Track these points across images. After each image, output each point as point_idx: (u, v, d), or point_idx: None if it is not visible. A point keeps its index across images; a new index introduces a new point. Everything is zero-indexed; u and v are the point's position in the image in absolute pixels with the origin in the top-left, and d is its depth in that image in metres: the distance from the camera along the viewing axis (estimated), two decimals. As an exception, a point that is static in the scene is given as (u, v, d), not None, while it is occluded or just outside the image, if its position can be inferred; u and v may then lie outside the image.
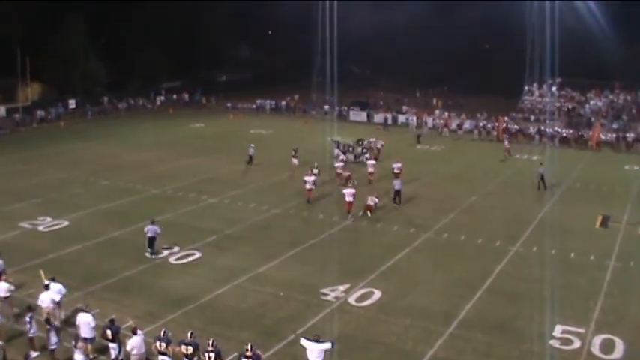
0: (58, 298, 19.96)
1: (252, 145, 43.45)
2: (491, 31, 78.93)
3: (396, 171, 38.25)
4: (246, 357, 16.37)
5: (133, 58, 75.08)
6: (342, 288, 23.45)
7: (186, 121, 61.23)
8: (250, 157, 42.87)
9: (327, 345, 16.97)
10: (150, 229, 26.44)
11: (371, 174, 38.55)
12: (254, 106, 72.54)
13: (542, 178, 37.53)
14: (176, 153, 46.50)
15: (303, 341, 17.18)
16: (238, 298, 22.55)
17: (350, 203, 32.15)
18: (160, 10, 75.57)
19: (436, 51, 79.92)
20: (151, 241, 26.38)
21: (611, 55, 64.67)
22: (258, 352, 16.88)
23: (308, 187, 34.39)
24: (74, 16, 66.10)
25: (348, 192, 32.52)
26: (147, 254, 26.13)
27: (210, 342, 16.81)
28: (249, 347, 16.48)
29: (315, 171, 36.86)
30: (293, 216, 32.23)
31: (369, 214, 32.20)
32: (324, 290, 23.20)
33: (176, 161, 43.71)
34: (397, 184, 34.60)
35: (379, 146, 45.79)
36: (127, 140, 51.11)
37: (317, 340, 17.02)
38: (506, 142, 49.00)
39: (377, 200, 33.00)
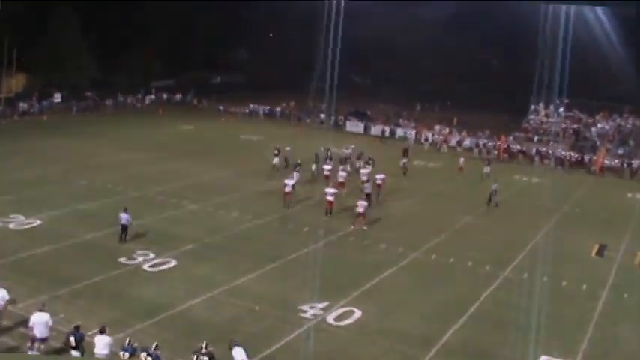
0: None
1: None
2: (500, 47, 79.49)
3: (378, 182, 38.59)
4: (201, 354, 17.18)
5: (125, 54, 75.22)
6: (320, 305, 23.51)
7: (175, 123, 61.33)
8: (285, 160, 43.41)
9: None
10: (123, 217, 27.59)
11: (341, 184, 38.85)
12: (247, 110, 72.72)
13: (493, 194, 38.46)
14: (161, 155, 46.56)
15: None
16: (212, 311, 22.60)
17: (330, 202, 33.51)
18: (158, 9, 75.76)
19: (441, 65, 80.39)
20: (124, 229, 27.55)
21: (624, 78, 65.22)
22: (212, 350, 17.47)
23: (287, 189, 34.86)
24: (65, 8, 66.34)
25: (330, 191, 33.78)
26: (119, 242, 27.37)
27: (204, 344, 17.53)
28: (204, 345, 17.28)
29: (297, 170, 38.48)
30: (277, 227, 32.36)
31: (364, 225, 32.61)
32: (302, 307, 23.27)
33: (160, 164, 43.76)
34: (367, 188, 36.42)
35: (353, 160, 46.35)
36: (110, 139, 51.13)
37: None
38: (462, 160, 48.92)
39: (366, 204, 33.29)
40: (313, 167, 42.02)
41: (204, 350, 17.54)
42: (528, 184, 45.39)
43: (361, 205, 33.17)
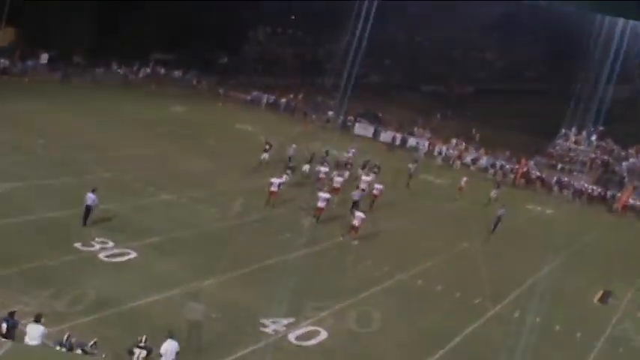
0: None
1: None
2: (544, 61, 79.68)
3: (374, 192, 38.70)
4: (139, 347, 17.65)
5: (126, 21, 74.96)
6: (285, 321, 23.59)
7: (167, 102, 61.38)
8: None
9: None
10: (90, 198, 27.90)
11: (336, 190, 39.10)
12: (249, 97, 72.82)
13: (498, 221, 38.62)
14: (144, 136, 46.71)
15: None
16: (165, 312, 22.65)
17: (321, 209, 33.91)
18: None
19: (473, 71, 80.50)
20: (87, 210, 27.78)
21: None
22: (151, 346, 17.91)
23: (272, 188, 35.21)
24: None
25: (323, 196, 34.17)
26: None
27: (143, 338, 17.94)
28: (143, 339, 17.75)
29: (288, 172, 38.78)
30: (255, 230, 32.38)
31: (353, 238, 32.85)
32: (264, 320, 23.35)
33: (142, 145, 43.90)
34: (356, 195, 36.88)
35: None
36: (92, 111, 50.91)
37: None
38: (465, 180, 48.39)
39: (364, 217, 33.33)
40: (306, 167, 42.09)
41: (142, 344, 17.80)
42: (541, 214, 45.42)
43: (358, 218, 33.29)
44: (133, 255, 26.62)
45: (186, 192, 35.72)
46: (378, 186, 39.85)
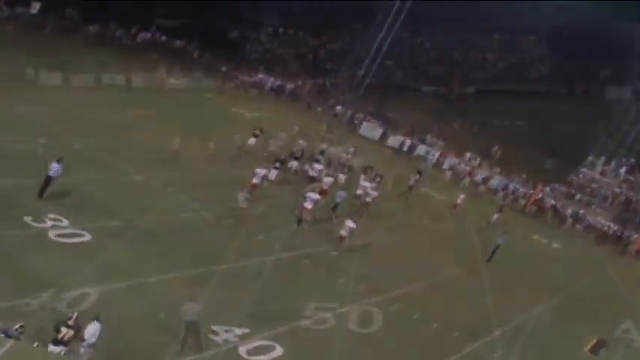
0: None
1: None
2: (585, 78, 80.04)
3: (367, 199, 39.57)
4: (68, 326, 18.13)
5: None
6: (238, 332, 23.69)
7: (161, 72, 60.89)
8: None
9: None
10: (54, 168, 28.21)
11: (324, 192, 38.98)
12: (252, 79, 72.66)
13: (496, 249, 38.61)
14: (126, 106, 46.40)
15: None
16: (106, 306, 22.57)
17: (308, 210, 34.14)
18: None
19: (508, 80, 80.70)
20: (48, 181, 27.96)
21: None
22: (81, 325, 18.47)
23: (255, 180, 35.39)
24: None
25: (312, 197, 34.64)
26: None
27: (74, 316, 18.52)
28: (74, 316, 18.39)
29: (276, 171, 38.95)
30: (226, 226, 32.38)
31: (335, 249, 33.23)
32: (215, 327, 23.40)
33: (122, 117, 43.64)
34: (341, 196, 37.61)
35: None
36: (75, 72, 50.50)
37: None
38: (462, 197, 48.19)
39: (353, 226, 33.48)
40: (293, 164, 42.02)
41: (71, 322, 18.01)
42: (546, 248, 45.31)
43: (347, 228, 33.37)
44: (86, 237, 26.75)
45: (159, 174, 35.76)
46: (372, 192, 39.83)
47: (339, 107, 67.70)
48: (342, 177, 42.62)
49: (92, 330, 18.86)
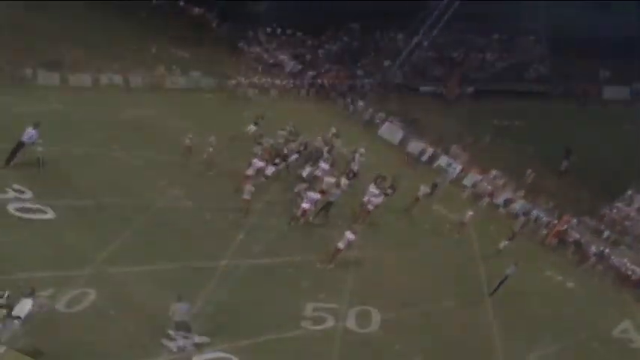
0: None
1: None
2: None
3: (369, 207, 39.60)
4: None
5: None
6: (196, 339, 23.79)
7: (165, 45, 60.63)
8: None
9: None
10: (28, 133, 28.82)
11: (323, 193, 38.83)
12: (272, 60, 72.60)
13: (505, 280, 38.29)
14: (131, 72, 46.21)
15: None
16: (54, 294, 22.77)
17: (303, 210, 34.45)
18: None
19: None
20: (19, 147, 28.41)
21: None
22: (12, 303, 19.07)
23: (249, 172, 35.86)
24: None
25: (312, 197, 35.06)
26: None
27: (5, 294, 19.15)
28: (5, 295, 19.15)
29: (277, 162, 39.02)
30: (206, 220, 32.39)
31: (329, 261, 33.21)
32: (172, 332, 23.51)
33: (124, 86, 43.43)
34: (335, 195, 37.49)
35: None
36: (76, 31, 50.63)
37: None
38: (469, 214, 47.62)
39: (352, 237, 33.68)
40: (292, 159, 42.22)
41: (2, 299, 18.22)
42: (558, 286, 44.82)
43: (347, 240, 33.39)
44: (49, 215, 26.93)
45: (144, 151, 35.69)
46: (375, 199, 39.79)
47: (361, 103, 67.54)
48: (344, 181, 42.44)
49: (23, 306, 19.01)
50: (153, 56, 56.23)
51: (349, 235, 33.64)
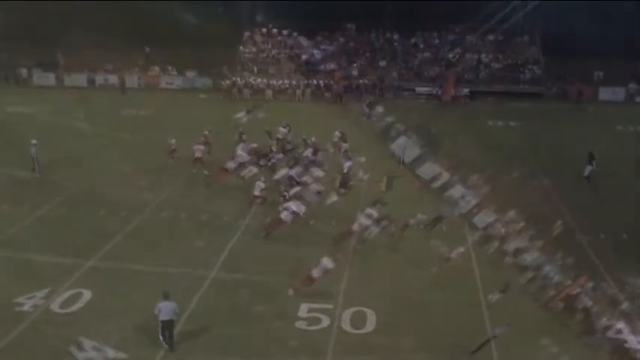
0: None
1: None
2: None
3: (354, 228, 40.41)
4: None
5: None
6: (110, 354, 23.84)
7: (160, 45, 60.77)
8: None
9: None
10: None
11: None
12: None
13: (487, 341, 38.26)
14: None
15: None
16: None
17: (280, 222, 36.02)
18: None
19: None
20: None
21: None
22: None
23: (228, 165, 35.78)
24: None
25: (291, 208, 37.05)
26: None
27: None
28: None
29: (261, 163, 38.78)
30: (166, 218, 32.40)
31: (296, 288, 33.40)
32: (83, 340, 23.68)
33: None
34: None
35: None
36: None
37: None
38: (458, 252, 48.33)
39: (330, 266, 34.37)
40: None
41: None
42: (550, 359, 44.69)
43: (323, 268, 33.63)
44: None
45: (137, 154, 35.66)
46: (364, 222, 39.80)
47: (380, 109, 67.59)
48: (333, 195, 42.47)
49: None
50: (147, 57, 57.08)
51: (327, 263, 33.46)
